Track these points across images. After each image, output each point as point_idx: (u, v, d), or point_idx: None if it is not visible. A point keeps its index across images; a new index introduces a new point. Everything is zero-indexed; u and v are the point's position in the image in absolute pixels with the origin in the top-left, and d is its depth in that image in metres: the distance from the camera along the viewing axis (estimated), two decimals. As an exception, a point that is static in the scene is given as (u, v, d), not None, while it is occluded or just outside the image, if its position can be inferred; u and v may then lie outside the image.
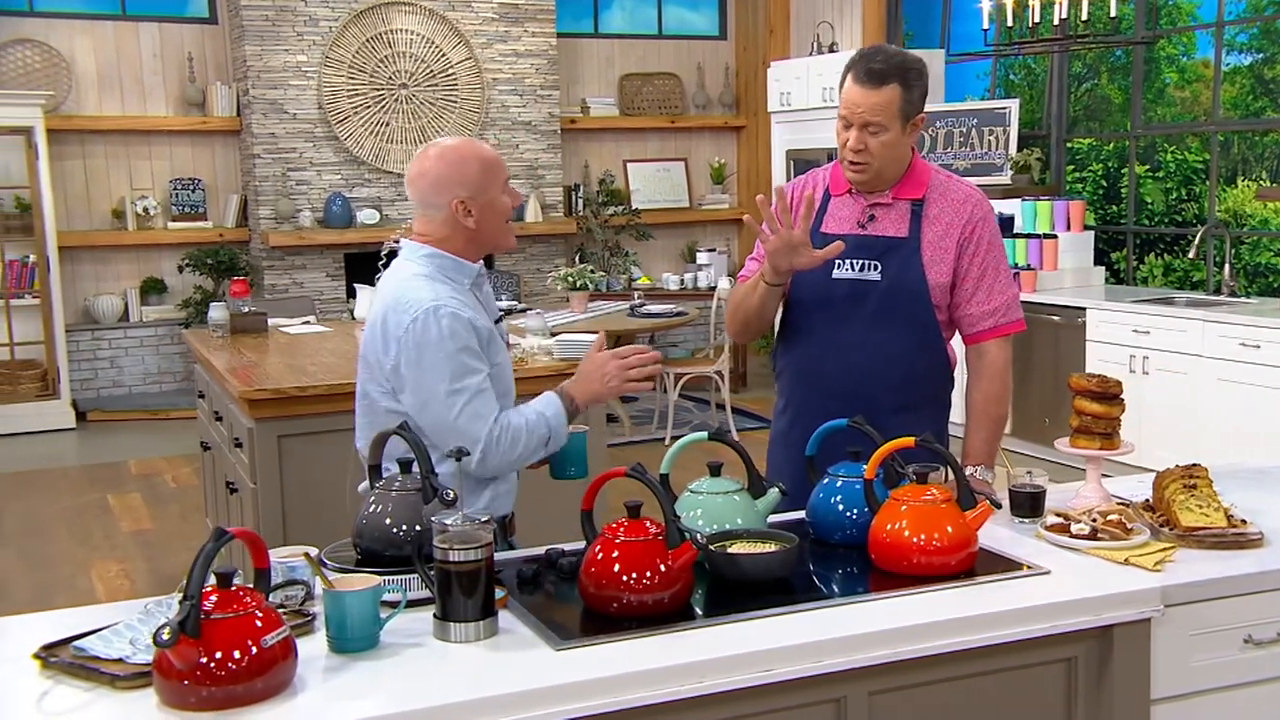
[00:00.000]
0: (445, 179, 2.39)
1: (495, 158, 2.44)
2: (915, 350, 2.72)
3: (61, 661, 1.76)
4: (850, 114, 2.61)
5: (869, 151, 2.61)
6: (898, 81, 2.59)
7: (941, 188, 2.73)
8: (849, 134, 2.62)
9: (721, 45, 10.11)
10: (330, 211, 8.43)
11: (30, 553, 5.49)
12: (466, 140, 2.47)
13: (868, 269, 2.68)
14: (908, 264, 2.68)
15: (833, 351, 2.71)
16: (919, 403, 2.74)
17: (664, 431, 7.28)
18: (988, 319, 2.73)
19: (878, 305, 2.68)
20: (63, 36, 8.32)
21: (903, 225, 2.70)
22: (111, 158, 8.51)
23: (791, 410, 2.81)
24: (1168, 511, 2.38)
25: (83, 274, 8.49)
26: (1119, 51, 7.36)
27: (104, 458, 7.28)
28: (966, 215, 2.71)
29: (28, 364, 8.10)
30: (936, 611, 2.01)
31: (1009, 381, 2.79)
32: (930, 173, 2.75)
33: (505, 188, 2.46)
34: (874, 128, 2.59)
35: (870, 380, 2.68)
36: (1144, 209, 7.38)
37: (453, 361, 2.31)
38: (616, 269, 9.19)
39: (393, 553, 2.05)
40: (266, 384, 3.83)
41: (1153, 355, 5.95)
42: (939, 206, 2.72)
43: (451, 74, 8.76)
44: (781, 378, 2.87)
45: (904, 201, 2.71)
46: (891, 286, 2.67)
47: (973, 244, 2.71)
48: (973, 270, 2.71)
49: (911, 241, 2.68)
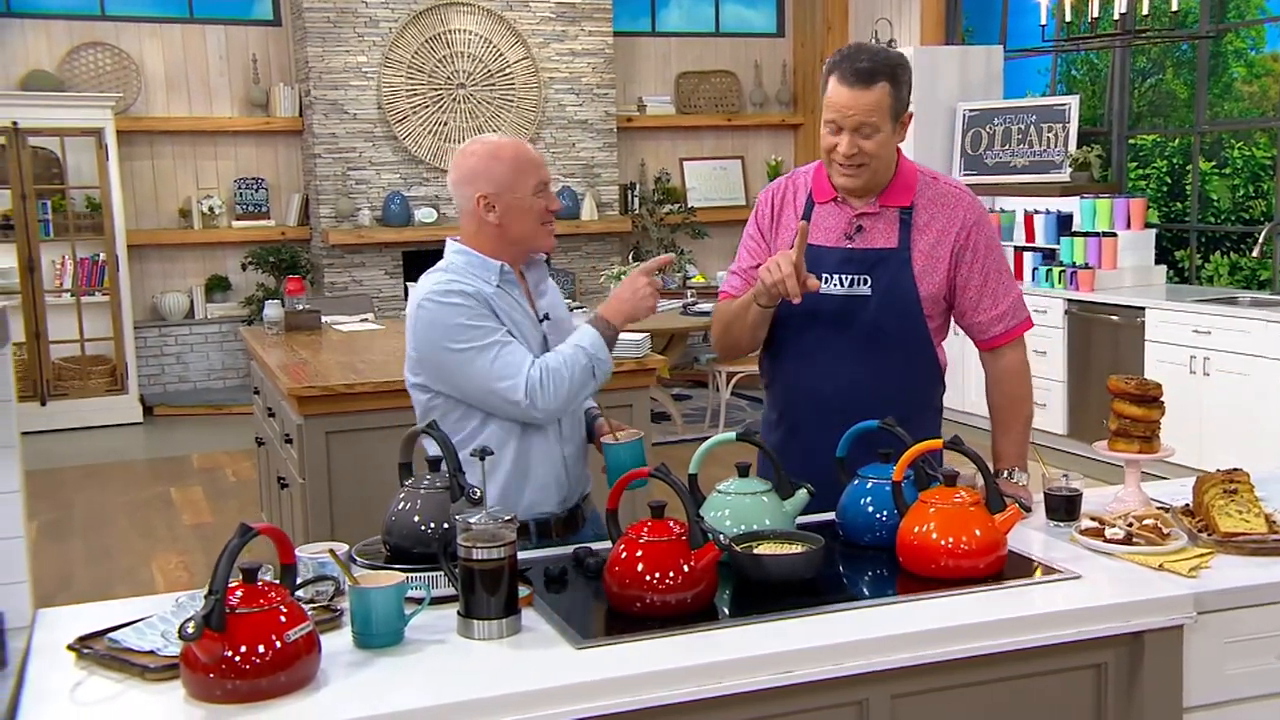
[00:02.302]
0: (471, 174, 2.44)
1: (528, 158, 2.45)
2: (908, 362, 2.65)
3: (95, 653, 1.81)
4: (840, 117, 2.49)
5: (863, 154, 2.51)
6: (886, 79, 2.48)
7: (930, 192, 2.64)
8: (839, 139, 2.51)
9: (779, 43, 10.07)
10: (389, 210, 8.54)
11: (94, 544, 5.64)
12: (505, 139, 2.48)
13: (857, 284, 2.60)
14: (899, 276, 2.60)
15: (825, 368, 2.64)
16: (914, 412, 2.63)
17: (716, 430, 7.28)
18: (998, 324, 2.67)
19: (870, 320, 2.60)
20: (132, 39, 8.52)
21: (892, 235, 2.61)
22: (178, 158, 8.70)
23: (786, 425, 2.74)
24: (1206, 516, 2.34)
25: (150, 272, 8.69)
26: (1185, 46, 7.22)
27: (168, 452, 7.45)
28: (960, 221, 2.62)
29: (98, 359, 8.30)
30: (961, 615, 1.99)
31: (1029, 380, 2.74)
32: (916, 175, 2.65)
33: (539, 190, 2.46)
34: (867, 129, 2.49)
35: (865, 394, 2.59)
36: (1209, 206, 7.23)
37: (461, 330, 2.38)
38: (671, 267, 9.19)
39: (421, 550, 2.08)
40: (315, 381, 3.90)
41: (1213, 356, 5.83)
42: (929, 213, 2.63)
43: (509, 73, 8.82)
44: (773, 390, 2.79)
45: (892, 209, 2.62)
46: (883, 301, 2.59)
47: (969, 251, 2.62)
48: (974, 279, 2.64)
49: (902, 252, 2.60)
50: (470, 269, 2.46)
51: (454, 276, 2.46)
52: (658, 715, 1.79)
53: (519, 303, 2.51)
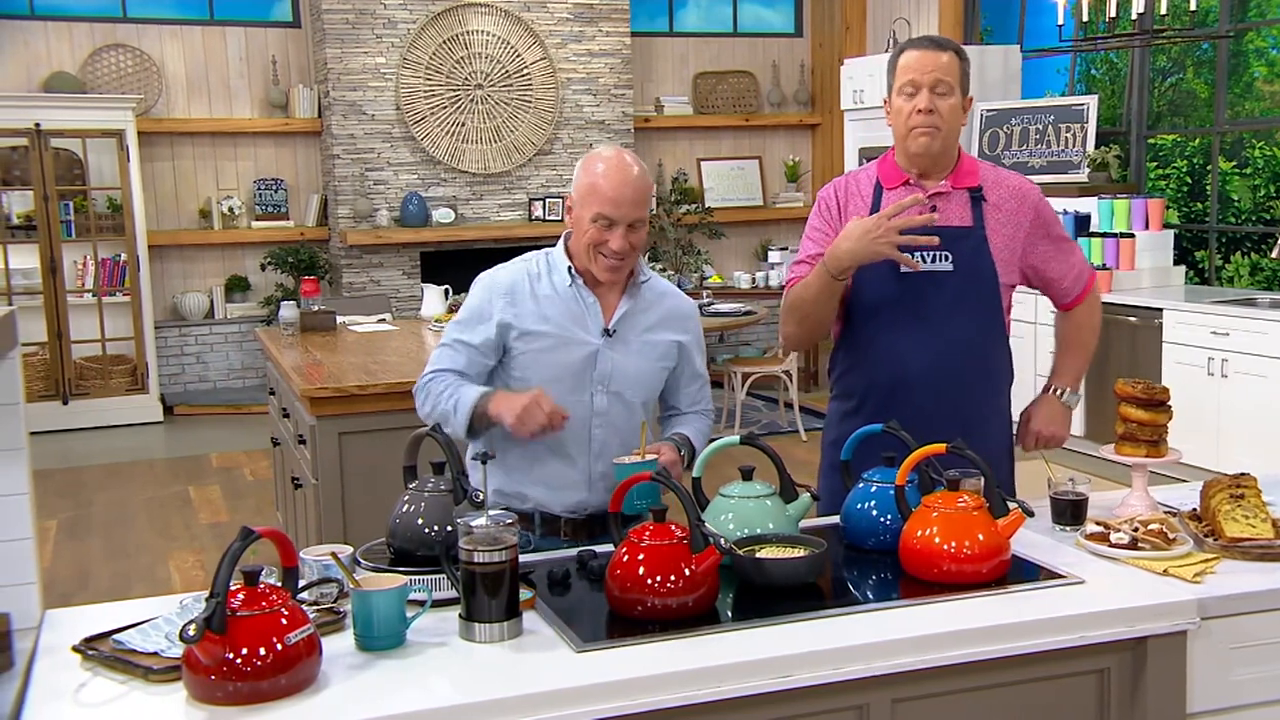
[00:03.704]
0: (576, 174, 2.54)
1: (604, 188, 2.43)
2: (988, 339, 2.71)
3: (100, 654, 1.83)
4: (919, 75, 2.60)
5: (939, 114, 2.60)
6: (954, 51, 2.65)
7: (994, 178, 2.74)
8: (916, 99, 2.60)
9: (797, 43, 10.06)
10: (407, 211, 8.58)
11: (113, 542, 5.69)
12: (615, 161, 2.47)
13: (939, 259, 2.65)
14: (978, 252, 2.67)
15: (914, 344, 2.65)
16: (995, 392, 2.77)
17: (732, 430, 7.28)
18: (1077, 284, 2.82)
19: (953, 295, 2.65)
20: (154, 41, 8.58)
21: (966, 214, 2.69)
22: (199, 159, 8.76)
23: (868, 410, 2.69)
24: (1213, 521, 2.33)
25: (171, 272, 8.75)
26: (1205, 45, 7.17)
27: (187, 450, 7.51)
28: (1031, 203, 2.74)
29: (119, 359, 8.37)
30: (963, 620, 1.99)
31: (1099, 315, 2.90)
32: (979, 163, 2.75)
33: (598, 220, 2.45)
34: (943, 88, 2.60)
35: (953, 370, 2.65)
36: (1230, 207, 7.18)
37: (461, 310, 2.60)
38: (688, 268, 9.20)
39: (424, 553, 2.09)
40: (329, 382, 3.92)
41: (1232, 358, 5.79)
42: (997, 195, 2.71)
43: (526, 74, 8.84)
44: (847, 379, 2.78)
45: (962, 190, 2.69)
46: (966, 275, 2.66)
47: (1043, 228, 2.75)
48: (1051, 252, 2.77)
49: (978, 230, 2.68)
50: (549, 260, 2.59)
51: (519, 262, 2.61)
52: (656, 719, 1.79)
53: (585, 307, 2.53)
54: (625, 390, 2.55)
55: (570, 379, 2.52)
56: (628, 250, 2.48)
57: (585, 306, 2.54)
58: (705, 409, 2.72)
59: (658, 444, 2.52)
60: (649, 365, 2.58)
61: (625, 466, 2.39)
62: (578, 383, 2.53)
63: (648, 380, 2.59)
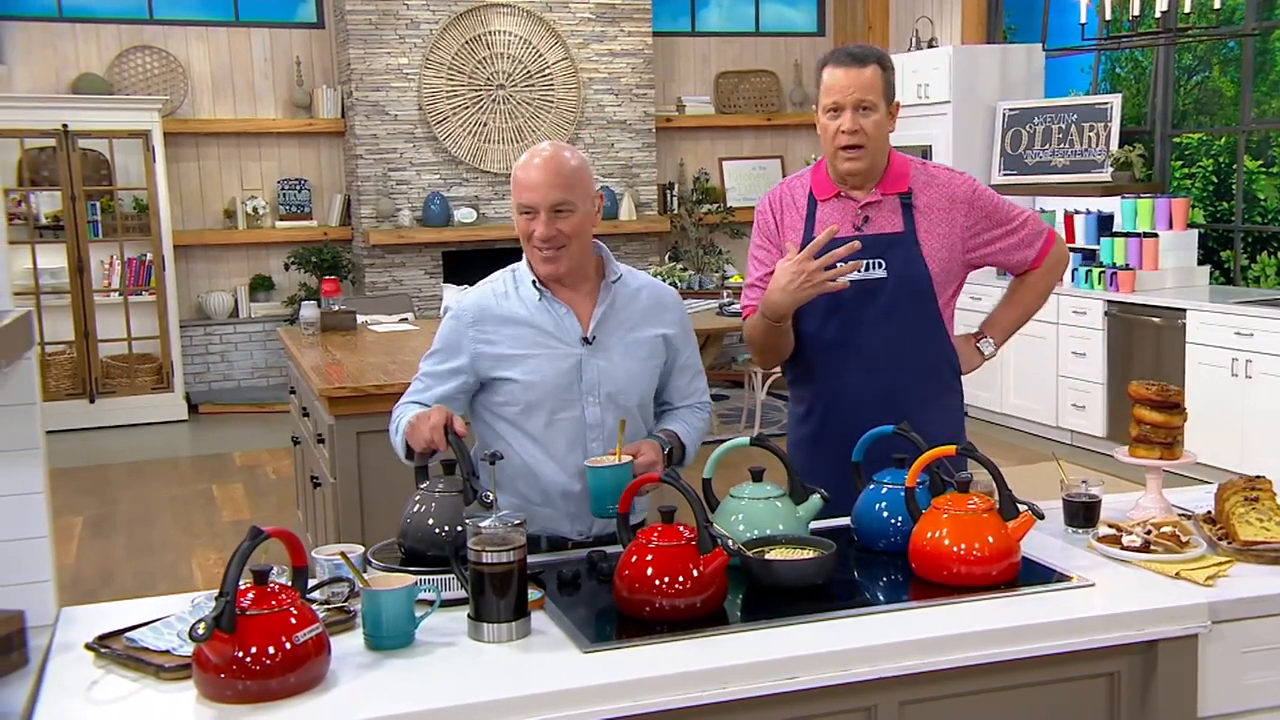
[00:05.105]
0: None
1: (519, 178, 2.39)
2: (927, 342, 2.74)
3: (113, 652, 1.86)
4: (841, 97, 2.61)
5: (864, 132, 2.62)
6: (876, 63, 2.63)
7: (925, 177, 2.75)
8: (840, 119, 2.62)
9: (820, 42, 10.04)
10: (429, 210, 8.62)
11: (137, 540, 5.75)
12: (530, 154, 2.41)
13: (872, 267, 2.69)
14: (910, 257, 2.70)
15: (850, 354, 2.71)
16: (938, 394, 2.78)
17: (752, 430, 7.27)
18: (1028, 250, 2.81)
19: (887, 301, 2.69)
20: (179, 43, 8.65)
21: (896, 220, 2.71)
22: (224, 159, 8.83)
23: (816, 417, 2.79)
24: (1227, 524, 2.32)
25: (196, 271, 8.83)
26: (1232, 43, 7.11)
27: (211, 449, 7.57)
28: (962, 201, 2.74)
29: (144, 358, 8.44)
30: (971, 622, 1.99)
31: (1053, 279, 2.89)
32: (908, 163, 2.77)
33: (522, 210, 2.39)
34: (866, 105, 2.61)
35: (890, 378, 2.70)
36: (1256, 206, 7.12)
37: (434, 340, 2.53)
38: (709, 267, 9.20)
39: (435, 553, 2.10)
40: (347, 382, 3.95)
41: (1256, 359, 5.74)
42: (928, 196, 2.73)
43: (548, 74, 8.86)
44: (798, 385, 2.86)
45: (892, 196, 2.72)
46: (899, 281, 2.69)
47: (984, 218, 2.75)
48: (995, 236, 2.77)
49: (909, 235, 2.71)
50: (515, 276, 2.51)
51: (485, 284, 2.53)
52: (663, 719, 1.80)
53: (558, 318, 2.44)
54: (618, 395, 2.45)
55: (557, 395, 2.42)
56: (555, 235, 2.36)
57: (558, 318, 2.44)
58: (699, 402, 2.61)
59: (638, 443, 2.41)
60: (638, 366, 2.47)
61: (599, 469, 2.30)
62: (566, 397, 2.43)
63: (639, 382, 2.49)
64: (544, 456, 2.46)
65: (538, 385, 2.43)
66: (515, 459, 2.46)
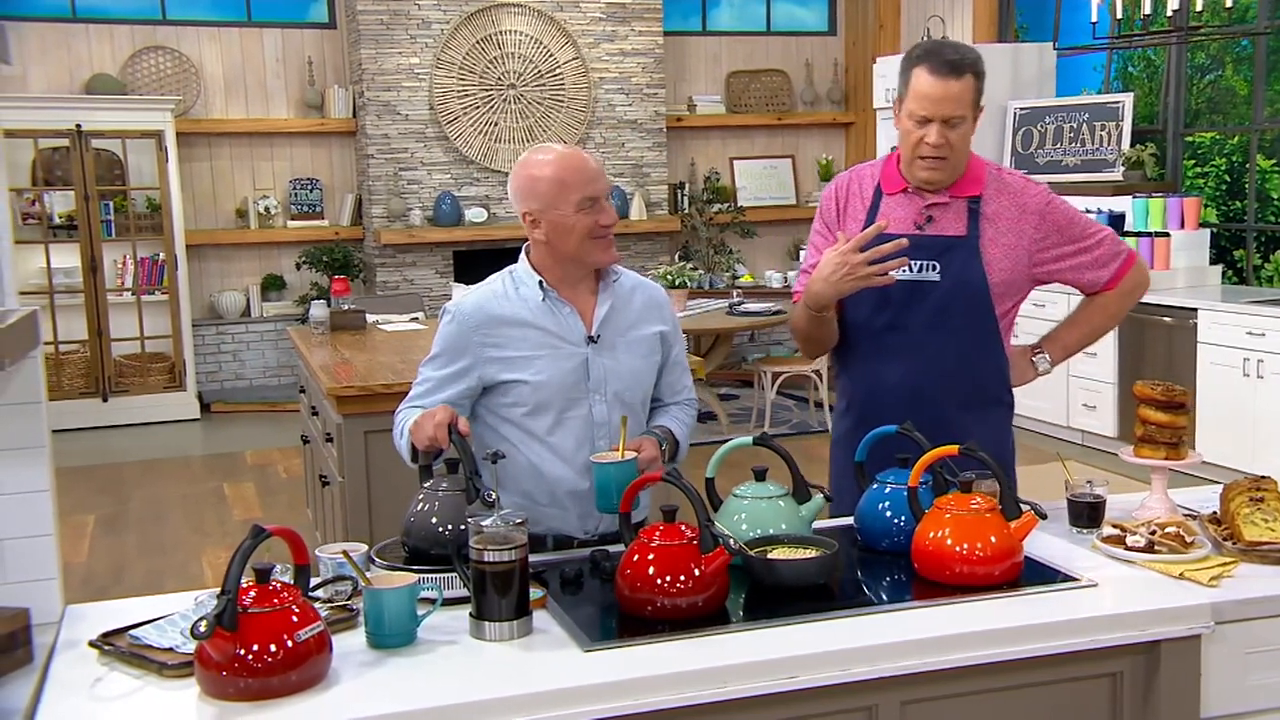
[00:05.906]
0: (517, 191, 2.45)
1: (570, 175, 2.37)
2: (976, 352, 2.67)
3: (117, 649, 1.87)
4: (932, 110, 2.52)
5: (949, 146, 2.54)
6: (971, 72, 2.54)
7: (999, 184, 2.67)
8: (927, 130, 2.54)
9: (831, 41, 10.02)
10: (440, 210, 8.63)
11: (149, 538, 5.77)
12: (552, 153, 2.41)
13: (926, 269, 2.63)
14: (968, 263, 2.62)
15: (893, 354, 2.66)
16: (983, 404, 2.71)
17: (762, 430, 7.27)
18: (1105, 271, 2.72)
19: (937, 306, 2.62)
20: (192, 43, 8.69)
21: (960, 224, 2.64)
22: (236, 159, 8.86)
23: (854, 413, 2.76)
24: (1231, 525, 2.31)
25: (208, 271, 8.86)
26: (1245, 41, 7.07)
27: (223, 448, 7.60)
28: (1034, 213, 2.65)
29: (157, 357, 8.48)
30: (973, 621, 1.99)
31: (1128, 303, 2.81)
32: (984, 166, 2.69)
33: (584, 206, 2.38)
34: (955, 120, 2.53)
35: (932, 383, 2.64)
36: (1269, 205, 7.08)
37: (434, 344, 2.51)
38: (720, 267, 9.20)
39: (438, 551, 2.11)
40: (356, 381, 3.96)
41: (1268, 359, 5.71)
42: (998, 204, 2.65)
43: (559, 74, 8.87)
44: (842, 379, 2.83)
45: (961, 200, 2.65)
46: (952, 287, 2.62)
47: (1055, 233, 2.66)
48: (1066, 249, 2.68)
49: (970, 240, 2.63)
50: (514, 277, 2.50)
51: (483, 287, 2.51)
52: (662, 719, 1.80)
53: (563, 318, 2.45)
54: (625, 392, 2.48)
55: (565, 394, 2.44)
56: (614, 222, 2.45)
57: (562, 317, 2.46)
58: (688, 398, 2.65)
59: (638, 440, 2.44)
60: (640, 363, 2.51)
61: (605, 465, 2.31)
62: (573, 396, 2.45)
63: (643, 379, 2.53)
64: (551, 456, 2.47)
65: (546, 385, 2.44)
66: (521, 460, 2.47)
